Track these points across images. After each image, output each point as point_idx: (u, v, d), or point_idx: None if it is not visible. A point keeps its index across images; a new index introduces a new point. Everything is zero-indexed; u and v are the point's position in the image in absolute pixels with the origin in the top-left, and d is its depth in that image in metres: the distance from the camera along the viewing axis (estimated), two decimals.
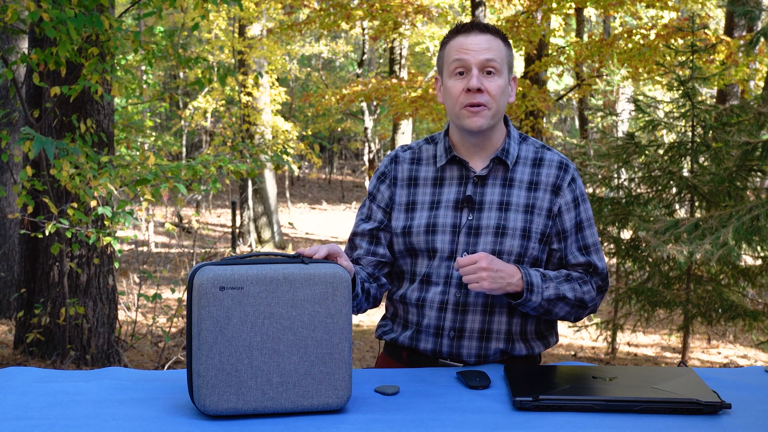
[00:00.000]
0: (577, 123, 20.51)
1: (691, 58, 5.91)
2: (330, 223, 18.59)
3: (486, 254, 1.91)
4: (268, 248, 13.89)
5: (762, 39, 5.87)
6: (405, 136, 13.79)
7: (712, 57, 8.78)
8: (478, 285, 1.90)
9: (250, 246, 13.89)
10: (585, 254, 2.08)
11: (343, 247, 2.24)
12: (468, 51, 2.00)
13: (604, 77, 13.27)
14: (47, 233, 5.16)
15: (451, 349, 2.03)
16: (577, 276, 2.05)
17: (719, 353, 7.88)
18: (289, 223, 18.07)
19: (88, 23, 4.48)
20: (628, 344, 8.02)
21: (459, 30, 2.05)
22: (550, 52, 10.95)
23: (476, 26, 2.05)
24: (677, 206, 6.24)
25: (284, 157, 6.46)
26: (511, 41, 10.14)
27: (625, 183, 6.30)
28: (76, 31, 4.47)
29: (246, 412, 1.59)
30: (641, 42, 9.31)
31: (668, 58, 8.66)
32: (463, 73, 2.01)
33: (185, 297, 3.82)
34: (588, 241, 2.09)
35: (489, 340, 2.02)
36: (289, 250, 14.04)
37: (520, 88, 10.08)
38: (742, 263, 6.09)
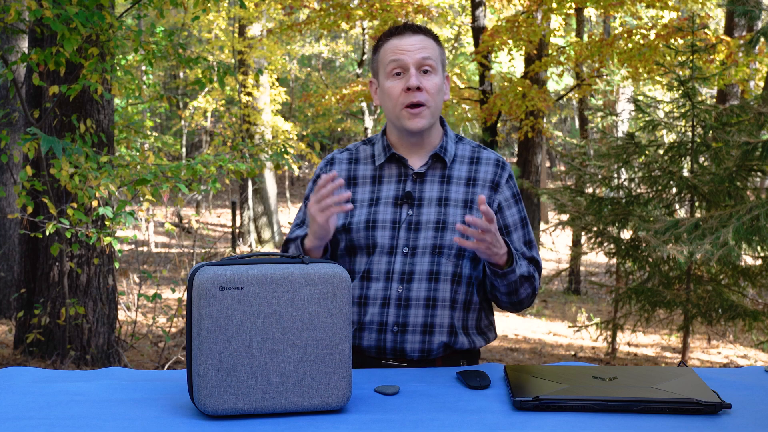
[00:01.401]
0: (577, 123, 20.51)
1: (691, 58, 5.92)
2: None
3: (495, 224, 1.89)
4: (268, 248, 13.89)
5: (762, 39, 5.87)
6: None
7: (712, 57, 8.78)
8: (475, 244, 1.89)
9: (250, 246, 13.89)
10: (529, 249, 2.14)
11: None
12: (404, 51, 2.05)
13: (604, 77, 13.27)
14: (47, 233, 5.15)
15: (395, 344, 2.04)
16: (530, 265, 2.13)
17: (719, 353, 7.88)
18: (289, 223, 18.08)
19: (91, 18, 4.49)
20: (628, 344, 8.02)
21: (393, 32, 2.09)
22: (550, 52, 10.95)
23: (409, 27, 2.09)
24: (677, 206, 6.24)
25: (284, 156, 6.46)
26: (511, 41, 10.13)
27: (625, 183, 6.30)
28: (82, 25, 4.48)
29: (246, 412, 1.59)
30: (641, 42, 9.31)
31: (668, 58, 8.66)
32: (400, 73, 2.06)
33: (185, 297, 3.82)
34: (531, 236, 2.16)
35: (432, 334, 2.04)
36: None
37: (520, 88, 10.08)
38: (742, 263, 6.10)
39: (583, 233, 7.14)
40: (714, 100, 11.38)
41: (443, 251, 2.04)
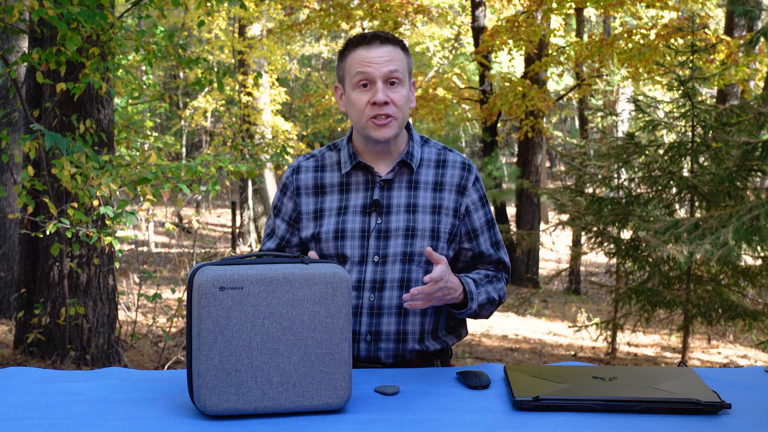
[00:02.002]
0: (577, 123, 20.50)
1: (691, 58, 5.92)
2: None
3: (446, 268, 1.88)
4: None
5: (762, 39, 5.87)
6: None
7: (712, 57, 8.78)
8: (429, 302, 1.89)
9: (250, 246, 13.89)
10: (496, 251, 2.15)
11: None
12: (371, 63, 2.00)
13: (604, 77, 13.27)
14: (47, 233, 5.15)
15: (368, 353, 2.04)
16: (493, 274, 2.13)
17: (719, 353, 7.88)
18: None
19: (93, 18, 4.49)
20: (628, 344, 8.02)
21: (360, 41, 2.04)
22: (550, 52, 10.95)
23: (377, 37, 2.04)
24: (677, 206, 6.25)
25: (284, 156, 6.46)
26: (511, 41, 10.12)
27: (625, 183, 6.30)
28: (85, 22, 4.49)
29: (246, 412, 1.60)
30: (641, 42, 9.32)
31: (668, 58, 8.67)
32: (366, 85, 2.01)
33: (185, 297, 3.82)
34: (497, 237, 2.16)
35: (405, 341, 2.05)
36: None
37: (520, 88, 10.08)
38: (742, 263, 6.10)
39: (583, 233, 7.14)
40: (714, 100, 11.38)
41: (413, 258, 2.03)
